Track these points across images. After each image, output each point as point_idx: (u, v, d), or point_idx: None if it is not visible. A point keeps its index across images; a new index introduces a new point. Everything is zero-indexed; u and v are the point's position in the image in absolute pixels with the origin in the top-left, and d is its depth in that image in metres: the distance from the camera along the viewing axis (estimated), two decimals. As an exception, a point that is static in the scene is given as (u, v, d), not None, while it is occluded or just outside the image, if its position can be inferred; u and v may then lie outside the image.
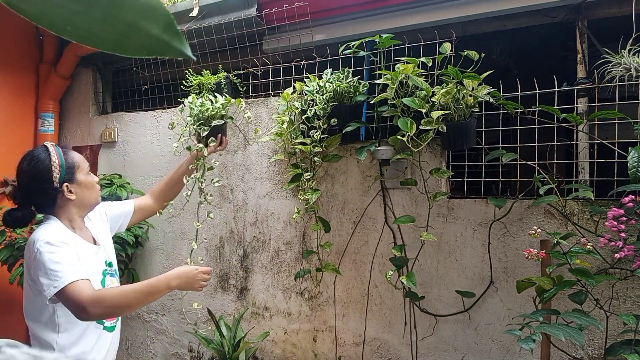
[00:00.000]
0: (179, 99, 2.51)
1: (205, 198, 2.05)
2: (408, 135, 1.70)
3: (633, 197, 1.44)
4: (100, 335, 1.59)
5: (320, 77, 2.03)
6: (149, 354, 2.74)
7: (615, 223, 1.42)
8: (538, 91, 1.81)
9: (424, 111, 1.70)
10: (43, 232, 1.47)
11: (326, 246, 2.11)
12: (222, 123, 2.02)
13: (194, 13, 2.46)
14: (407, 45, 1.97)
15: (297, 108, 2.02)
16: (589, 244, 1.46)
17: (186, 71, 2.26)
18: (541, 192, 1.66)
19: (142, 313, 2.76)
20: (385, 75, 1.79)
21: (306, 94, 2.01)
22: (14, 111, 3.05)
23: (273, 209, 2.36)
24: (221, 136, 2.05)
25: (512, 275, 1.82)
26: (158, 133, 2.76)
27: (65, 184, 1.52)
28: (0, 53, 2.95)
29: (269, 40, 2.37)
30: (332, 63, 2.16)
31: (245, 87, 2.41)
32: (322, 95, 1.96)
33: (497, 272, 1.85)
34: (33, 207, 1.57)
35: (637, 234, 1.52)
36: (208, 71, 2.16)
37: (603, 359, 1.60)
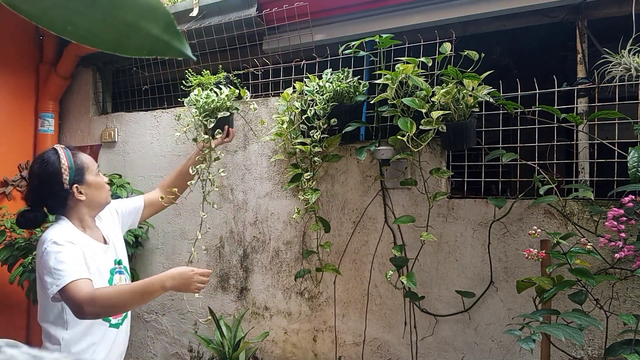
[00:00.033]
0: (179, 99, 2.51)
1: (212, 186, 2.06)
2: (408, 135, 1.70)
3: (633, 197, 1.44)
4: (105, 332, 1.62)
5: (320, 77, 2.03)
6: (149, 354, 2.74)
7: (615, 223, 1.42)
8: (538, 91, 1.81)
9: (424, 111, 1.70)
10: (52, 232, 1.51)
11: (326, 246, 2.11)
12: (228, 115, 2.03)
13: (194, 13, 2.46)
14: (407, 45, 1.97)
15: (297, 108, 2.02)
16: (589, 244, 1.46)
17: (186, 71, 2.25)
18: (541, 192, 1.66)
19: (142, 313, 2.75)
20: (385, 75, 1.79)
21: (306, 94, 2.01)
22: (14, 111, 3.05)
23: (273, 209, 2.36)
24: (228, 127, 2.06)
25: (512, 275, 1.82)
26: (158, 133, 2.76)
27: (75, 186, 1.56)
28: (0, 53, 2.95)
29: (269, 40, 2.37)
30: (332, 63, 2.16)
31: (245, 87, 2.41)
32: (322, 95, 1.96)
33: (497, 272, 1.85)
34: (45, 209, 1.61)
35: (637, 234, 1.52)
36: (208, 71, 2.16)
37: (603, 359, 1.60)
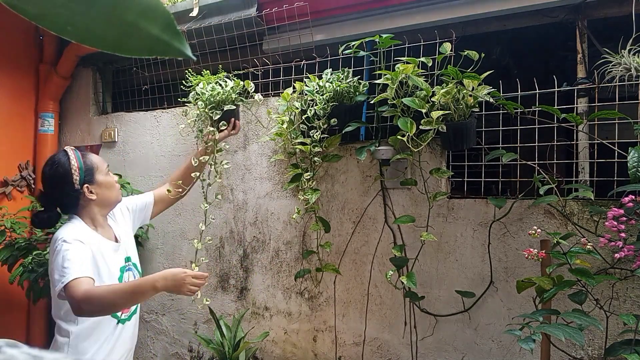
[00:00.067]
0: (179, 99, 2.51)
1: (216, 177, 2.06)
2: (408, 135, 1.70)
3: (633, 197, 1.44)
4: (114, 327, 1.65)
5: (320, 77, 2.03)
6: (149, 354, 2.74)
7: (615, 223, 1.42)
8: (538, 91, 1.81)
9: (424, 111, 1.70)
10: (63, 231, 1.56)
11: (326, 246, 2.11)
12: (234, 108, 2.03)
13: (194, 13, 2.46)
14: (407, 45, 1.97)
15: (297, 108, 2.02)
16: (589, 244, 1.46)
17: (186, 71, 2.25)
18: (541, 192, 1.66)
19: (142, 313, 2.75)
20: (385, 75, 1.79)
21: (306, 94, 2.01)
22: (14, 111, 3.05)
23: (273, 209, 2.36)
24: (234, 120, 2.07)
25: (512, 275, 1.82)
26: (158, 133, 2.76)
27: (85, 185, 1.61)
28: (0, 53, 2.95)
29: (269, 40, 2.37)
30: (332, 63, 2.16)
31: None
32: (322, 95, 1.96)
33: (497, 272, 1.85)
34: (58, 209, 1.66)
35: (637, 234, 1.52)
36: (208, 71, 2.16)
37: (603, 359, 1.60)
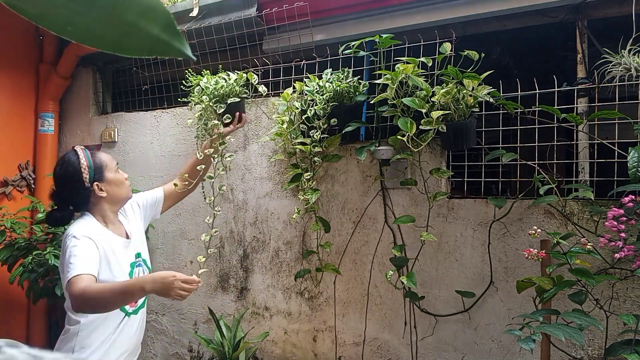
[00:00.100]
0: (179, 99, 2.51)
1: (222, 170, 2.07)
2: (408, 135, 1.70)
3: (633, 197, 1.44)
4: (121, 320, 1.67)
5: (320, 77, 2.03)
6: (149, 354, 2.74)
7: (615, 223, 1.42)
8: (538, 91, 1.81)
9: (424, 111, 1.70)
10: (73, 228, 1.60)
11: (326, 246, 2.11)
12: (239, 101, 2.03)
13: (194, 13, 2.46)
14: (407, 45, 1.97)
15: (297, 108, 2.02)
16: (589, 244, 1.46)
17: (186, 71, 2.25)
18: (541, 192, 1.66)
19: (142, 313, 2.75)
20: (385, 75, 1.79)
21: (306, 94, 2.01)
22: (14, 111, 3.05)
23: (273, 209, 2.36)
24: (239, 113, 2.07)
25: (512, 275, 1.82)
26: (158, 133, 2.76)
27: (95, 183, 1.65)
28: (0, 53, 2.95)
29: (269, 40, 2.37)
30: (332, 63, 2.16)
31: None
32: (322, 95, 1.96)
33: (497, 272, 1.85)
34: (71, 207, 1.70)
35: (637, 234, 1.52)
36: (208, 71, 2.16)
37: (603, 359, 1.60)
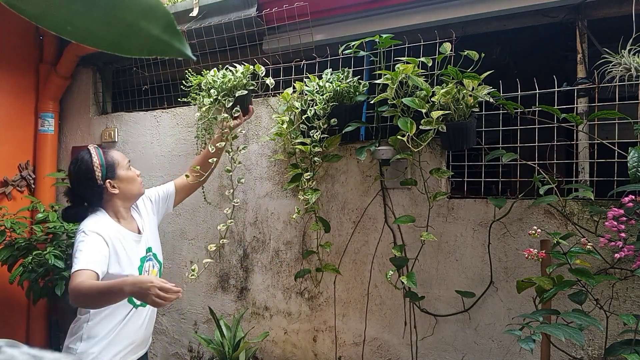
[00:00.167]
0: (179, 99, 2.51)
1: (235, 163, 2.08)
2: (408, 135, 1.70)
3: (633, 197, 1.44)
4: (129, 312, 1.71)
5: (320, 77, 2.03)
6: (149, 354, 2.74)
7: (615, 223, 1.42)
8: (538, 91, 1.81)
9: (424, 111, 1.70)
10: (85, 223, 1.65)
11: (326, 246, 2.11)
12: (246, 93, 2.03)
13: (194, 13, 2.46)
14: (407, 45, 1.97)
15: (297, 108, 2.02)
16: (589, 244, 1.46)
17: (186, 71, 2.25)
18: (541, 192, 1.66)
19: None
20: (385, 75, 1.79)
21: (306, 94, 2.01)
22: (14, 111, 3.05)
23: (273, 209, 2.36)
24: (247, 105, 2.09)
25: (512, 275, 1.82)
26: (158, 133, 2.76)
27: (108, 181, 1.70)
28: (0, 53, 2.95)
29: (269, 40, 2.37)
30: (332, 63, 2.16)
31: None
32: (322, 95, 1.96)
33: (497, 272, 1.85)
34: (85, 203, 1.74)
35: (637, 234, 1.52)
36: (208, 71, 2.16)
37: (603, 359, 1.60)
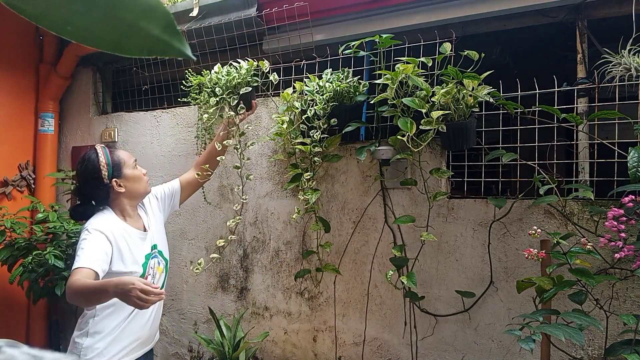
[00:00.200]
0: (179, 99, 2.51)
1: (242, 160, 2.09)
2: (408, 135, 1.70)
3: (633, 197, 1.44)
4: (134, 309, 1.70)
5: (320, 77, 2.03)
6: (149, 354, 2.74)
7: (615, 223, 1.42)
8: (538, 91, 1.81)
9: (424, 111, 1.70)
10: (91, 221, 1.67)
11: (326, 246, 2.11)
12: (250, 89, 2.04)
13: (194, 13, 2.46)
14: (407, 45, 1.97)
15: (297, 108, 2.02)
16: (589, 244, 1.46)
17: (186, 71, 2.26)
18: (541, 192, 1.66)
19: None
20: (385, 75, 1.79)
21: (306, 94, 2.01)
22: (14, 111, 3.05)
23: (273, 209, 2.36)
24: (251, 101, 2.09)
25: (512, 275, 1.82)
26: (158, 133, 2.76)
27: (114, 180, 1.72)
28: (0, 53, 2.95)
29: (269, 40, 2.37)
30: (332, 63, 2.16)
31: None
32: (322, 95, 1.96)
33: (497, 272, 1.85)
34: (93, 202, 1.76)
35: (637, 234, 1.52)
36: (208, 71, 2.16)
37: (603, 359, 1.60)
